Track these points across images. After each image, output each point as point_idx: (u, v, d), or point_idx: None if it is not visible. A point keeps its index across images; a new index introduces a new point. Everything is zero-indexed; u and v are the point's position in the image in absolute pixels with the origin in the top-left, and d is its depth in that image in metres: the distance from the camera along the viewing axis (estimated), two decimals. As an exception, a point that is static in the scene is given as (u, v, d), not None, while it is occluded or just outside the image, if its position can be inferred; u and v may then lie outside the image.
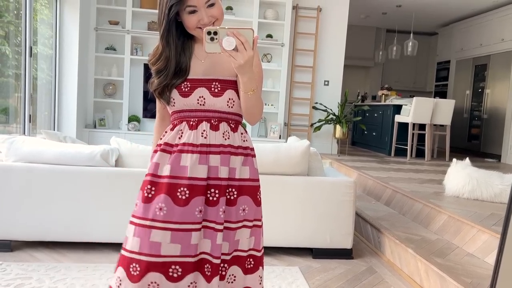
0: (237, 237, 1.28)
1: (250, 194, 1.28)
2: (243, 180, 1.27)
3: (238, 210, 1.26)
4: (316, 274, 2.53)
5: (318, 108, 6.16)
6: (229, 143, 1.25)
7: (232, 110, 1.27)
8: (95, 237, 2.66)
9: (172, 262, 1.19)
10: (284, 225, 2.74)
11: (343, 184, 2.76)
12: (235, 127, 1.29)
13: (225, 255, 1.26)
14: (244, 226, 1.28)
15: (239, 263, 1.30)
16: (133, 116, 5.86)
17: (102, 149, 2.66)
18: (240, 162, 1.27)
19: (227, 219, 1.24)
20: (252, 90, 1.17)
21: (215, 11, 1.21)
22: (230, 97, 1.25)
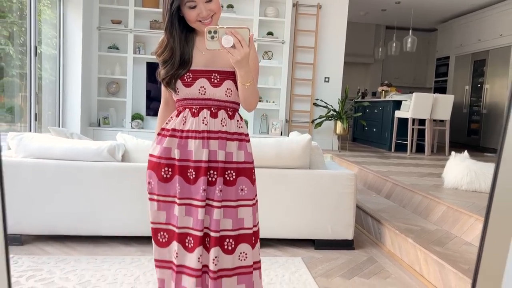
0: (241, 216, 1.40)
1: (246, 175, 1.41)
2: (240, 163, 1.41)
3: (237, 190, 1.40)
4: (318, 264, 2.60)
5: (318, 104, 6.22)
6: (226, 130, 1.38)
7: (230, 99, 1.39)
8: (103, 231, 2.73)
9: (186, 234, 1.38)
10: (287, 217, 2.81)
11: (344, 176, 2.83)
12: (232, 115, 1.41)
13: (229, 231, 1.38)
14: (246, 205, 1.41)
15: (247, 241, 1.41)
16: (137, 114, 5.93)
17: (109, 145, 2.73)
18: (236, 146, 1.40)
19: (227, 198, 1.38)
20: (248, 82, 1.30)
21: (213, 5, 1.31)
22: (228, 87, 1.37)
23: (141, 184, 2.68)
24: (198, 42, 1.38)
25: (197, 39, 1.39)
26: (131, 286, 2.19)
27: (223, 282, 1.38)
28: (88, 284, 2.19)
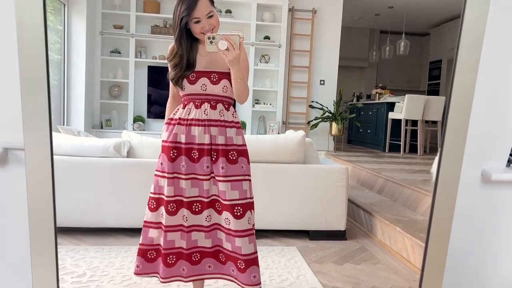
0: (245, 188, 1.74)
1: (244, 156, 1.76)
2: (239, 145, 1.74)
3: (240, 167, 1.73)
4: (312, 252, 2.77)
5: (314, 106, 6.41)
6: (224, 119, 1.71)
7: (226, 94, 1.72)
8: (109, 223, 2.89)
9: (194, 201, 1.73)
10: (282, 209, 2.98)
11: (337, 171, 3.01)
12: (227, 107, 1.74)
13: (237, 200, 1.71)
14: (247, 180, 1.76)
15: (251, 208, 1.76)
16: (138, 117, 6.11)
17: (115, 142, 2.90)
18: (234, 132, 1.73)
19: (233, 174, 1.71)
20: (239, 78, 1.64)
21: (213, 20, 1.65)
22: (224, 84, 1.70)
23: (145, 178, 2.84)
24: (201, 49, 1.70)
25: (200, 46, 1.71)
26: (137, 271, 2.35)
27: (237, 240, 1.70)
28: (97, 269, 2.36)
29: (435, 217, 0.82)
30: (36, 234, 0.90)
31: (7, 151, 0.95)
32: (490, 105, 1.11)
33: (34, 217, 0.89)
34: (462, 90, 0.89)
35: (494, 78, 1.09)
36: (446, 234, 0.86)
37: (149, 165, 2.85)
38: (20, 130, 0.92)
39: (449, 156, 0.85)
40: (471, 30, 0.89)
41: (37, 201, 0.88)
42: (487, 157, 1.15)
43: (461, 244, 1.14)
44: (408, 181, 3.67)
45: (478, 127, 1.10)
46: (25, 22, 0.79)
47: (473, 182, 1.15)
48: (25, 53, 0.80)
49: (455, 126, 0.89)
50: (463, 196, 1.10)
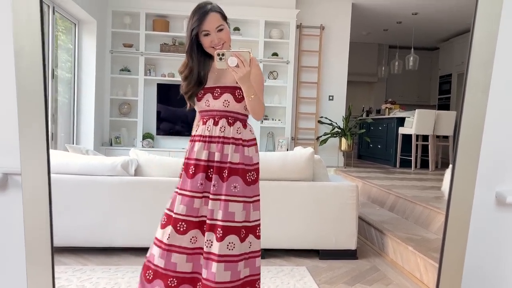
0: (231, 210, 1.62)
1: (239, 175, 1.64)
2: (234, 163, 1.64)
3: (229, 186, 1.63)
4: (322, 273, 2.71)
5: (323, 122, 6.38)
6: (223, 135, 1.65)
7: (228, 108, 1.66)
8: (116, 242, 2.86)
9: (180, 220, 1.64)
10: (292, 227, 2.92)
11: (346, 188, 2.96)
12: (232, 122, 1.67)
13: (219, 220, 1.62)
14: (236, 201, 1.63)
15: (236, 233, 1.63)
16: (147, 134, 6.13)
17: (122, 160, 2.89)
18: (231, 149, 1.65)
19: (219, 193, 1.63)
20: (251, 96, 1.57)
21: (223, 34, 1.62)
22: (225, 99, 1.65)
23: (153, 197, 2.82)
24: (212, 66, 1.68)
25: (211, 63, 1.68)
26: (143, 292, 2.31)
27: (212, 265, 1.59)
28: (104, 290, 2.32)
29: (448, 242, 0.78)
30: (32, 260, 0.88)
31: (7, 176, 0.93)
32: (503, 126, 1.07)
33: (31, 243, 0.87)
34: (473, 111, 0.86)
35: (507, 98, 1.05)
36: (460, 260, 0.81)
37: (157, 183, 2.83)
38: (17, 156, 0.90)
39: (461, 180, 0.82)
40: (481, 49, 0.86)
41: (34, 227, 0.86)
42: (501, 179, 1.10)
43: (475, 268, 1.09)
44: (420, 198, 3.59)
45: (491, 149, 1.05)
46: (23, 49, 0.78)
47: (487, 204, 1.11)
48: (22, 79, 0.79)
49: (467, 149, 0.85)
50: (477, 219, 1.05)
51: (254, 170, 1.69)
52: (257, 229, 1.72)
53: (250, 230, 1.69)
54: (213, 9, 1.62)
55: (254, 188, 1.68)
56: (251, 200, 1.67)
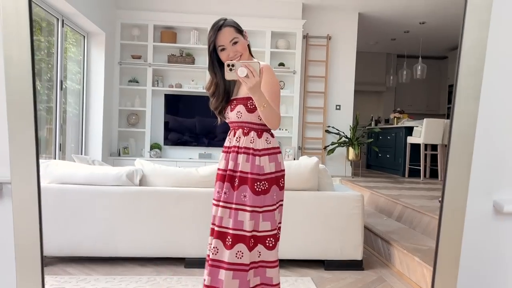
0: (240, 218, 1.66)
1: (248, 184, 1.68)
2: (244, 172, 1.68)
3: (239, 195, 1.68)
4: (327, 283, 2.67)
5: (330, 131, 6.36)
6: (238, 145, 1.71)
7: (241, 119, 1.71)
8: (121, 252, 2.86)
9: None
10: (296, 238, 2.90)
11: (352, 198, 2.93)
12: (247, 132, 1.72)
13: (228, 228, 1.67)
14: (244, 210, 1.66)
15: (244, 242, 1.66)
16: (155, 144, 6.17)
17: (127, 170, 2.91)
18: (243, 159, 1.69)
19: (230, 201, 1.69)
20: (263, 105, 1.57)
21: (238, 47, 1.67)
22: (238, 110, 1.71)
23: (157, 207, 2.83)
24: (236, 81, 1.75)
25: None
26: (146, 302, 2.31)
27: (220, 272, 1.64)
28: (107, 300, 2.32)
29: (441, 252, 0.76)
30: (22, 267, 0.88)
31: (2, 185, 0.95)
32: (499, 134, 1.05)
33: (21, 252, 0.88)
34: (463, 119, 0.85)
35: (500, 106, 1.03)
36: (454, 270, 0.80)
37: (161, 193, 2.84)
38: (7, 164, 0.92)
39: (453, 189, 0.80)
40: (471, 57, 0.85)
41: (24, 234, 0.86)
42: (498, 188, 1.08)
43: (472, 277, 1.06)
44: (428, 208, 3.54)
45: (488, 158, 1.04)
46: (12, 58, 0.79)
47: (485, 214, 1.08)
48: (12, 89, 0.80)
49: (458, 158, 0.84)
50: (474, 228, 1.03)
51: (265, 180, 1.68)
52: (267, 239, 1.70)
53: (259, 240, 1.69)
54: (226, 24, 1.67)
55: (265, 198, 1.67)
56: (260, 210, 1.67)
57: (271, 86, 1.66)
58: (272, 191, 1.70)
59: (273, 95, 1.65)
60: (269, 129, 1.74)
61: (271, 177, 1.70)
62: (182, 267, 2.87)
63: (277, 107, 1.65)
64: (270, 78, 1.66)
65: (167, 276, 2.70)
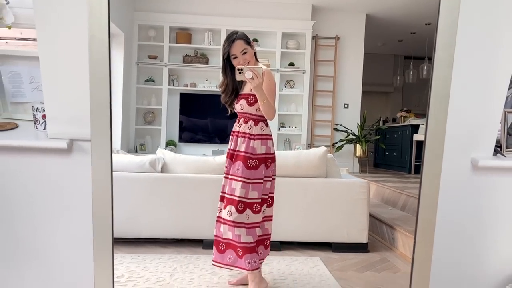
0: (233, 186, 2.17)
1: (241, 160, 2.16)
2: (239, 151, 2.19)
3: (234, 168, 2.19)
4: (334, 262, 2.89)
5: (339, 129, 6.57)
6: (239, 130, 2.22)
7: (243, 110, 2.22)
8: (144, 234, 3.10)
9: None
10: (306, 221, 3.13)
11: (358, 184, 3.15)
12: (246, 121, 2.21)
13: (226, 193, 2.23)
14: (236, 180, 2.17)
15: (234, 204, 2.16)
16: (170, 141, 6.44)
17: (150, 158, 3.16)
18: (240, 141, 2.19)
19: (228, 172, 2.24)
20: (263, 101, 2.07)
21: (247, 56, 2.15)
22: (241, 103, 2.22)
23: (178, 192, 3.07)
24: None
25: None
26: (169, 274, 2.55)
27: (221, 225, 2.24)
28: (134, 272, 2.57)
29: (422, 204, 0.98)
30: (97, 209, 1.12)
31: (72, 142, 1.19)
32: (475, 99, 1.28)
33: (97, 198, 1.12)
34: (440, 84, 1.08)
35: (475, 72, 1.26)
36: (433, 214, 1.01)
37: (181, 179, 3.09)
38: (83, 124, 1.18)
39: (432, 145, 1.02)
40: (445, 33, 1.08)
41: (99, 179, 1.11)
42: (476, 147, 1.30)
43: (453, 225, 1.27)
44: (430, 197, 3.74)
45: (464, 122, 1.26)
46: (95, 36, 1.04)
47: (463, 170, 1.30)
48: (94, 59, 1.05)
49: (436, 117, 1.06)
50: (455, 182, 1.25)
51: (256, 159, 2.15)
52: (254, 205, 2.18)
53: (248, 205, 2.16)
54: (238, 37, 2.13)
55: (255, 173, 2.15)
56: (250, 182, 2.15)
57: (269, 86, 2.13)
58: (260, 168, 2.17)
59: (270, 93, 2.13)
60: (265, 119, 2.20)
61: (261, 157, 2.17)
62: (200, 248, 3.10)
63: (273, 102, 2.13)
64: (269, 80, 2.13)
65: (187, 255, 2.94)
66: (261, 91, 2.03)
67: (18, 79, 1.49)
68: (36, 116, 1.41)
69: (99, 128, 1.10)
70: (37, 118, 1.42)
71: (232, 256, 2.20)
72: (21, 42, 1.86)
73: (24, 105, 1.53)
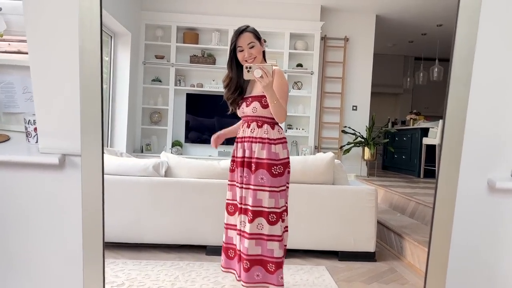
0: (259, 197, 1.98)
1: (264, 168, 1.98)
2: (260, 158, 1.99)
3: (256, 177, 1.99)
4: (340, 272, 2.82)
5: (347, 132, 6.48)
6: (253, 135, 2.02)
7: (256, 114, 2.02)
8: (146, 239, 3.05)
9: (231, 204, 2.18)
10: (312, 229, 3.05)
11: (365, 192, 3.07)
12: (261, 125, 2.03)
13: (249, 206, 2.01)
14: (263, 190, 1.98)
15: (264, 216, 1.99)
16: (176, 141, 6.39)
17: (154, 162, 3.11)
18: (259, 147, 1.99)
19: (248, 183, 2.02)
20: (274, 101, 1.90)
21: (254, 50, 1.99)
22: (254, 106, 2.01)
23: (181, 196, 3.02)
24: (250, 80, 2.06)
25: None
26: (171, 283, 2.50)
27: (245, 241, 2.01)
28: (135, 280, 2.52)
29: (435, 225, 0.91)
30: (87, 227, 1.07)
31: (65, 157, 1.14)
32: (493, 117, 1.20)
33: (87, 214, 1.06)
34: (456, 103, 1.00)
35: (492, 90, 1.18)
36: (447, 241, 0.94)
37: (185, 184, 3.03)
38: (76, 139, 1.12)
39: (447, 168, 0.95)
40: (463, 47, 1.00)
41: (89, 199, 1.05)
42: (492, 168, 1.22)
43: (467, 250, 1.20)
44: (440, 204, 3.65)
45: (481, 140, 1.18)
46: (86, 48, 0.98)
47: (479, 191, 1.22)
48: (85, 73, 0.99)
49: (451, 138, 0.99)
50: (470, 204, 1.17)
51: (280, 164, 1.99)
52: (283, 214, 2.05)
53: (279, 215, 2.00)
54: (247, 29, 2.00)
55: (280, 180, 1.99)
56: (278, 190, 1.99)
57: (281, 86, 1.97)
58: (285, 174, 2.02)
59: (282, 94, 1.97)
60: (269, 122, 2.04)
61: (284, 162, 2.02)
62: (204, 254, 3.05)
63: (284, 104, 1.98)
64: (281, 80, 1.97)
65: (189, 262, 2.88)
66: (272, 90, 1.86)
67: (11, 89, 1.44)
68: (28, 129, 1.36)
69: (90, 143, 1.04)
70: (29, 131, 1.37)
71: (260, 273, 2.03)
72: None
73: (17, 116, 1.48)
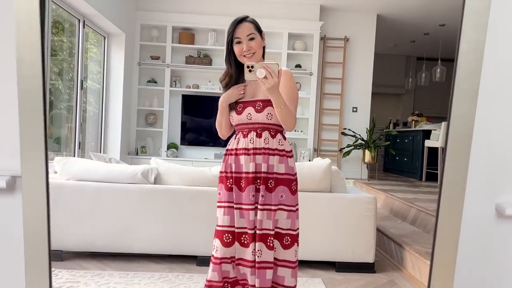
0: (277, 217, 1.70)
1: (286, 185, 1.70)
2: (279, 174, 1.70)
3: (276, 196, 1.69)
4: (337, 285, 2.67)
5: (347, 134, 6.33)
6: (268, 147, 1.69)
7: (271, 121, 1.70)
8: (135, 249, 2.92)
9: (243, 233, 1.71)
10: (308, 239, 2.90)
11: (364, 200, 2.92)
12: (274, 134, 1.71)
13: (269, 230, 1.68)
14: (282, 209, 1.70)
15: (279, 239, 1.72)
16: (172, 144, 6.25)
17: (142, 168, 2.97)
18: (276, 160, 1.70)
19: (267, 203, 1.68)
20: (281, 106, 1.60)
21: (253, 43, 1.69)
22: (269, 112, 1.68)
23: (171, 205, 2.88)
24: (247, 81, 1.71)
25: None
26: (158, 298, 2.35)
27: (266, 272, 1.67)
28: (120, 295, 2.38)
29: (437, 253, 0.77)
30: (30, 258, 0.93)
31: (15, 179, 1.00)
32: (502, 136, 1.05)
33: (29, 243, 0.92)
34: (461, 121, 0.86)
35: (504, 104, 1.03)
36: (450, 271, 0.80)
37: (175, 191, 2.89)
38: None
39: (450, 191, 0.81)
40: (468, 58, 0.86)
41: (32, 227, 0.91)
42: (501, 192, 1.08)
43: (472, 281, 1.06)
44: (442, 212, 3.50)
45: (489, 162, 1.03)
46: (24, 60, 0.84)
47: (487, 217, 1.08)
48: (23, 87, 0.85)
49: (455, 160, 0.84)
50: (476, 231, 1.03)
51: (295, 180, 1.76)
52: (298, 237, 1.78)
53: (294, 238, 1.74)
54: (247, 19, 1.73)
55: (296, 197, 1.75)
56: (294, 209, 1.74)
57: (291, 89, 1.70)
58: (297, 190, 1.78)
59: (293, 99, 1.69)
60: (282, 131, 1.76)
61: (296, 177, 1.77)
62: (194, 264, 2.91)
63: (294, 109, 1.69)
64: (291, 82, 1.71)
65: (179, 273, 2.74)
66: (277, 93, 1.56)
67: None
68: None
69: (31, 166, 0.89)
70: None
71: None
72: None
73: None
